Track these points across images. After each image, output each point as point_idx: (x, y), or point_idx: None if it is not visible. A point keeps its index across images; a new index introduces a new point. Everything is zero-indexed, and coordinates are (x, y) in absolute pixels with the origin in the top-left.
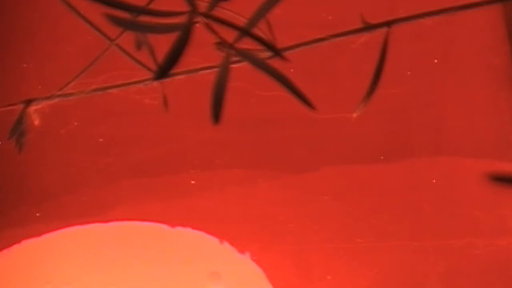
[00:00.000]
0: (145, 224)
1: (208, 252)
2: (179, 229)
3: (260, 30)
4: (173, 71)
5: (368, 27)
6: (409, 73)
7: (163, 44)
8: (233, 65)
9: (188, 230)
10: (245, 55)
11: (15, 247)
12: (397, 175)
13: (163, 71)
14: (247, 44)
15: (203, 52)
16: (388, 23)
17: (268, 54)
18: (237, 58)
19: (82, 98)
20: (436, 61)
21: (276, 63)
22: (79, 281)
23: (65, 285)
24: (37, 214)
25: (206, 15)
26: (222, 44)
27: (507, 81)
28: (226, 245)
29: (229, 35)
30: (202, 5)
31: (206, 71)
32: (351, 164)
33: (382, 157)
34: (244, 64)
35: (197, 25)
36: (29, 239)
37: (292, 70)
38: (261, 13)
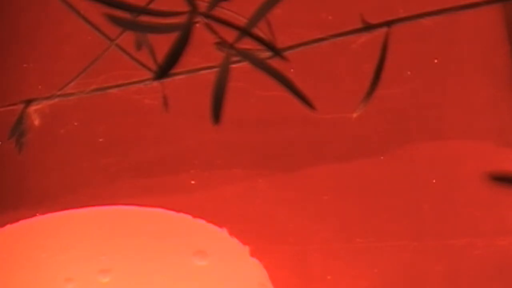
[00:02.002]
0: (132, 207)
1: (194, 232)
2: (166, 211)
3: (260, 30)
4: (173, 71)
5: (368, 27)
6: (409, 73)
7: (163, 44)
8: (233, 65)
9: (174, 213)
10: (245, 55)
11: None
12: (397, 175)
13: (163, 71)
14: (247, 44)
15: (203, 52)
16: (388, 23)
17: (268, 54)
18: (237, 58)
19: (82, 98)
20: (436, 61)
21: (276, 63)
22: (70, 259)
23: (59, 255)
24: (37, 214)
25: (206, 15)
26: (222, 44)
27: (507, 81)
28: (211, 226)
29: (229, 35)
30: (202, 5)
31: (206, 71)
32: (351, 164)
33: (382, 157)
34: (244, 64)
35: (197, 25)
36: (15, 222)
37: (292, 70)
38: (261, 13)
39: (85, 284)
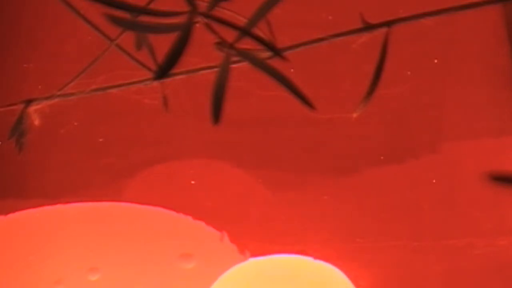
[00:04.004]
0: (119, 204)
1: (180, 234)
2: (152, 208)
3: (260, 30)
4: (173, 71)
5: (368, 27)
6: (409, 73)
7: (163, 44)
8: (233, 65)
9: (161, 210)
10: (245, 55)
11: None
12: (397, 175)
13: (163, 71)
14: (247, 44)
15: (203, 52)
16: (388, 23)
17: (268, 54)
18: (237, 58)
19: (82, 98)
20: (436, 61)
21: (276, 63)
22: (55, 256)
23: (45, 259)
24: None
25: (206, 15)
26: (222, 44)
27: (507, 81)
28: (201, 224)
29: (229, 35)
30: (202, 5)
31: (206, 71)
32: (351, 164)
33: (382, 157)
34: (244, 64)
35: (197, 25)
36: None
37: (292, 70)
38: (261, 13)
39: (75, 283)
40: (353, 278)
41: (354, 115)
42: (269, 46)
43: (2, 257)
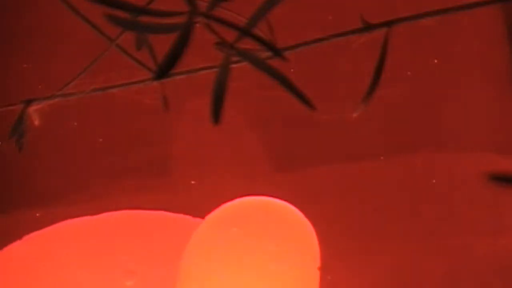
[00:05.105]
0: (145, 212)
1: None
2: (177, 215)
3: (260, 30)
4: (173, 71)
5: (368, 27)
6: (409, 73)
7: (163, 44)
8: (233, 65)
9: (184, 216)
10: (245, 55)
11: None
12: (397, 175)
13: (163, 71)
14: (247, 44)
15: (203, 52)
16: (388, 23)
17: (268, 54)
18: (237, 58)
19: (82, 98)
20: (436, 61)
21: (276, 63)
22: (90, 265)
23: (76, 270)
24: (37, 215)
25: (206, 15)
26: (222, 44)
27: (507, 81)
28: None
29: (229, 35)
30: (202, 5)
31: (206, 71)
32: (351, 164)
33: (382, 157)
34: (244, 64)
35: (197, 25)
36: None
37: (292, 70)
38: (261, 13)
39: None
40: (352, 278)
41: (354, 115)
42: (269, 46)
43: (38, 270)
